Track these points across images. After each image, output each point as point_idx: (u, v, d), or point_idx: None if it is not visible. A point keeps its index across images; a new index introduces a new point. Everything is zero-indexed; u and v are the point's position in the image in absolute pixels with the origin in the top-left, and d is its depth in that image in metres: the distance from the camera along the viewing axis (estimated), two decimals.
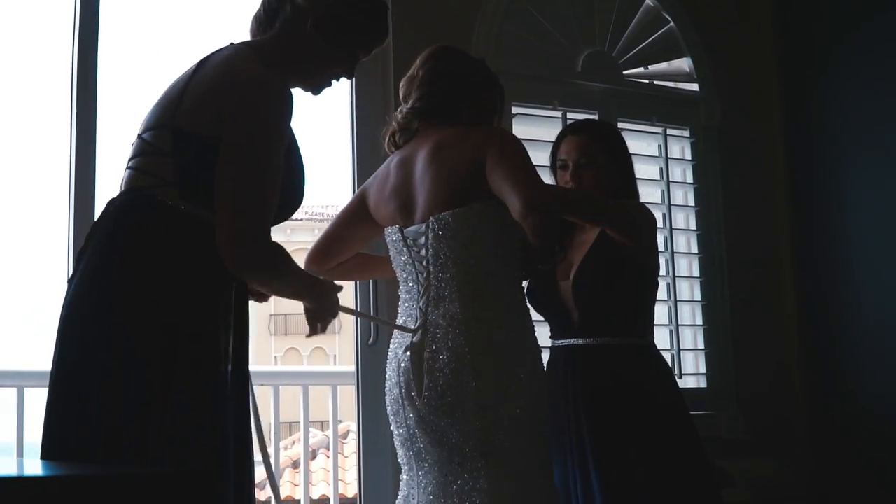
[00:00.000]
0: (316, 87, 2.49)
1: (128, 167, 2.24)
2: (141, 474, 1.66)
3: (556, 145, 3.38)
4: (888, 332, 4.31)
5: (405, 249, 2.79)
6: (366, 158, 3.78)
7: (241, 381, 2.23)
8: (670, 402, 3.23)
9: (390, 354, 2.83)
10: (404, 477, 2.79)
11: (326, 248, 3.02)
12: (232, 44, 2.36)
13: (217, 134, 2.14)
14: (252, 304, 2.43)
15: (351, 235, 3.02)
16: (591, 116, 4.31)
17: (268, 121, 2.19)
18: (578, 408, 3.17)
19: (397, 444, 2.81)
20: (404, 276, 2.82)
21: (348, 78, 2.53)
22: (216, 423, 2.10)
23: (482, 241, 2.69)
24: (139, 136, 2.25)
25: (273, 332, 23.96)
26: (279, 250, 2.24)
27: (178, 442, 2.02)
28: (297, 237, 22.66)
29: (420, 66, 2.91)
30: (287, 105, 2.24)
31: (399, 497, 2.81)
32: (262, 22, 2.43)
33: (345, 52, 2.46)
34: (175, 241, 2.11)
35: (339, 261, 3.05)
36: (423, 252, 2.74)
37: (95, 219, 2.27)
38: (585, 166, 3.27)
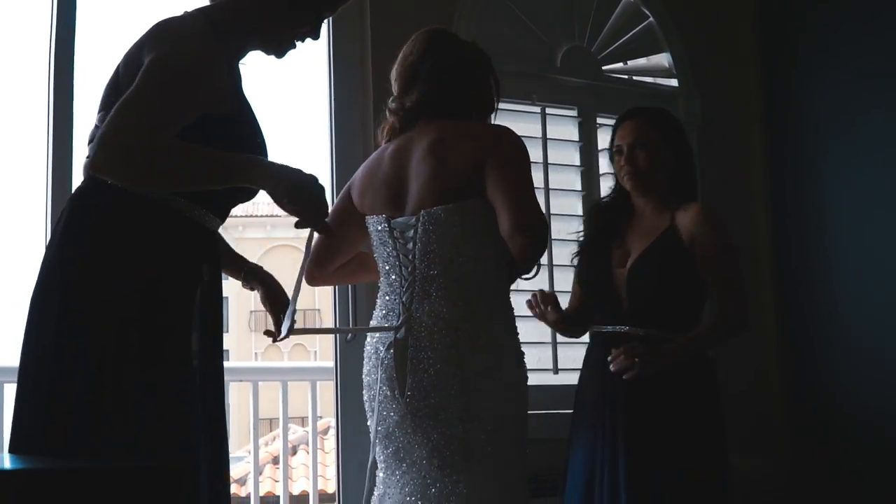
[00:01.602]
0: (279, 50, 2.36)
1: (86, 155, 2.20)
2: (98, 468, 1.65)
3: (613, 133, 3.46)
4: (866, 331, 4.32)
5: (390, 241, 2.74)
6: (344, 158, 3.77)
7: (214, 376, 2.19)
8: (708, 404, 3.26)
9: (369, 349, 2.78)
10: (381, 475, 2.75)
11: (325, 251, 2.91)
12: (186, 12, 2.27)
13: None
14: (234, 300, 2.39)
15: (345, 234, 2.90)
16: (571, 112, 4.31)
17: (168, 51, 2.08)
18: (617, 395, 3.21)
19: (374, 440, 2.76)
20: (387, 268, 2.76)
21: (314, 39, 2.39)
22: (179, 419, 2.05)
23: (472, 239, 2.65)
24: (95, 122, 2.21)
25: (254, 328, 23.89)
26: (155, 145, 2.00)
27: (132, 437, 1.97)
28: (277, 233, 22.57)
29: (422, 57, 2.81)
30: (198, 45, 2.13)
31: (375, 495, 2.77)
32: None
33: (309, 13, 2.34)
34: (127, 226, 2.06)
35: (341, 262, 2.97)
36: (409, 245, 2.69)
37: None
38: (639, 148, 3.33)
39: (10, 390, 3.87)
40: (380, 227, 2.77)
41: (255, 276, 2.67)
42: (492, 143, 2.66)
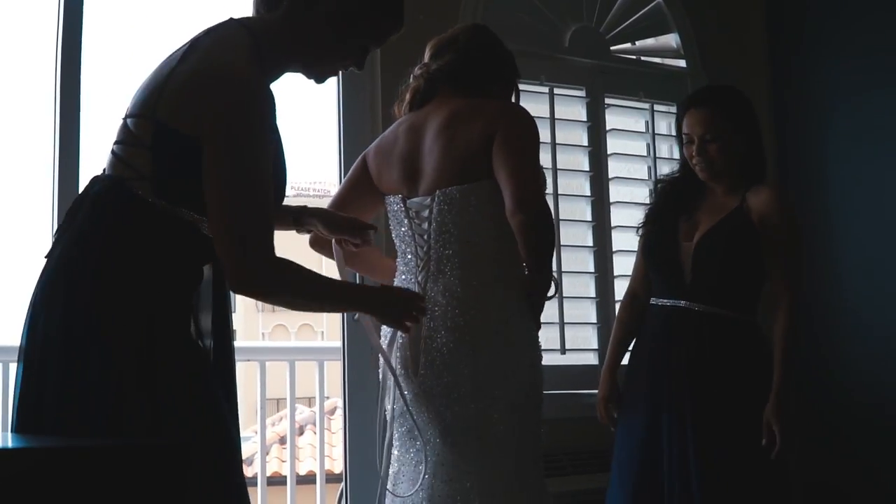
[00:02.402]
0: (320, 76, 2.37)
1: (111, 150, 2.20)
2: (108, 447, 1.66)
3: (680, 118, 3.40)
4: (871, 321, 4.32)
5: (406, 220, 2.75)
6: (353, 134, 3.76)
7: (225, 358, 2.21)
8: (768, 379, 3.22)
9: (385, 328, 2.78)
10: (395, 452, 2.75)
11: None
12: (231, 19, 2.25)
13: (196, 134, 2.07)
14: None
15: (357, 203, 2.91)
16: (579, 93, 4.30)
17: (253, 126, 2.10)
18: (680, 368, 3.22)
19: (388, 419, 2.77)
20: (403, 247, 2.78)
21: (358, 69, 2.39)
22: (204, 402, 2.08)
23: (488, 219, 2.65)
24: (124, 120, 2.21)
25: (261, 308, 23.90)
26: (288, 265, 2.15)
27: (158, 417, 1.99)
28: None
29: (462, 33, 2.85)
30: (271, 107, 2.15)
31: (390, 473, 2.77)
32: (266, 1, 2.30)
33: (355, 45, 2.33)
34: (149, 238, 2.08)
35: None
36: (424, 225, 2.70)
37: (79, 193, 2.25)
38: (710, 141, 3.28)
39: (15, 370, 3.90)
40: (396, 207, 2.78)
41: (304, 215, 2.75)
42: (501, 119, 2.66)
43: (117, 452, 1.63)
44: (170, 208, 2.09)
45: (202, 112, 2.08)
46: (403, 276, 2.76)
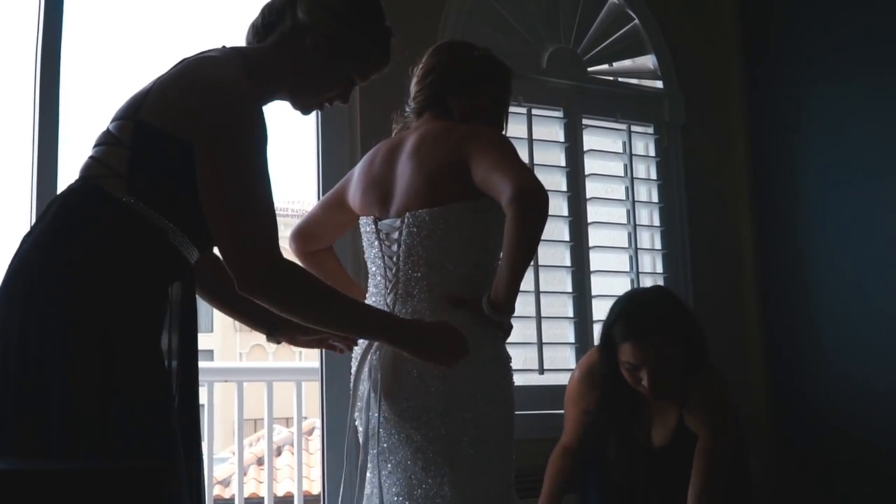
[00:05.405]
0: (305, 108, 2.41)
1: (89, 155, 2.19)
2: (73, 470, 1.62)
3: (621, 343, 3.22)
4: (848, 327, 4.34)
5: (376, 242, 2.73)
6: (331, 153, 3.76)
7: (189, 378, 2.17)
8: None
9: (357, 350, 2.77)
10: (368, 475, 2.72)
11: (305, 229, 3.00)
12: (224, 47, 2.29)
13: (183, 135, 2.07)
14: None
15: (327, 220, 2.97)
16: (556, 113, 4.32)
17: (252, 127, 2.12)
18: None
19: (362, 441, 2.75)
20: (373, 269, 2.77)
21: (343, 103, 2.45)
22: (161, 421, 2.03)
23: (458, 243, 2.63)
24: (107, 126, 2.21)
25: (238, 328, 23.80)
26: (295, 267, 2.19)
27: (115, 442, 1.95)
28: None
29: (424, 63, 2.86)
30: (263, 119, 2.16)
31: (364, 495, 2.74)
32: (258, 32, 2.35)
33: (342, 77, 2.39)
34: (115, 237, 2.05)
35: (320, 246, 3.01)
36: (394, 247, 2.68)
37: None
38: (659, 368, 3.17)
39: None
40: (368, 229, 2.77)
41: (280, 329, 2.71)
42: (468, 139, 2.64)
43: (81, 476, 1.58)
44: (142, 210, 2.06)
45: (194, 114, 2.09)
46: (373, 299, 2.75)
